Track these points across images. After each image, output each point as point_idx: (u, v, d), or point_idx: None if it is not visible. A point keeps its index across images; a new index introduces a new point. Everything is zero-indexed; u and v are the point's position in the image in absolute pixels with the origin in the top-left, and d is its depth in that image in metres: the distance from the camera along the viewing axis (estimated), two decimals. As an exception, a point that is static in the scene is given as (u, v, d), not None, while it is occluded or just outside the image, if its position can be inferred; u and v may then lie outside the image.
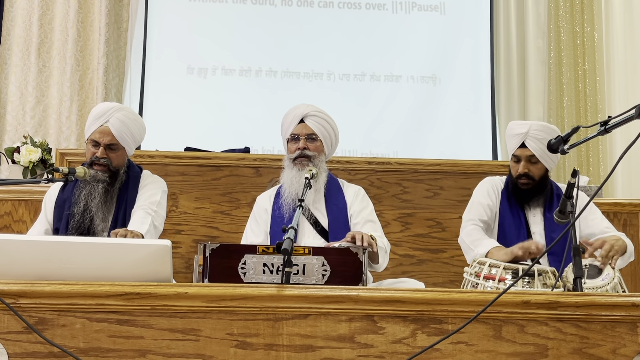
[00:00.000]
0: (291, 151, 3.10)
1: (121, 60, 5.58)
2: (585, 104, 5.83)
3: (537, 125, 3.08)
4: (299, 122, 3.10)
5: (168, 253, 2.15)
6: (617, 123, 2.24)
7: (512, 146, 3.09)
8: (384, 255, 2.93)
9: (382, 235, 3.01)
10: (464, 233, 3.08)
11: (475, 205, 3.13)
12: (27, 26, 5.37)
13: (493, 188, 3.16)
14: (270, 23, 5.71)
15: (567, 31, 5.91)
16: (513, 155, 3.09)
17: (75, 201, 2.94)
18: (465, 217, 3.13)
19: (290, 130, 3.10)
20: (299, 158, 3.06)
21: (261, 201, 3.19)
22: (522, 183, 3.06)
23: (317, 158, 3.08)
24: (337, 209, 3.06)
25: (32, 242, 2.23)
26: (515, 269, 2.53)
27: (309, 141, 3.08)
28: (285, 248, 2.15)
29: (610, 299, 2.10)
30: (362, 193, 3.16)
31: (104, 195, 2.96)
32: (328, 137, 3.13)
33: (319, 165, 3.06)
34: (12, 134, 5.23)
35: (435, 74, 5.76)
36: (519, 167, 3.07)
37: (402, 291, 2.13)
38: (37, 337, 1.99)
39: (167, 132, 5.39)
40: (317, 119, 3.10)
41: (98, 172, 2.96)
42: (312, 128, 3.09)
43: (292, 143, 3.10)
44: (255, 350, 2.02)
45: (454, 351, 2.04)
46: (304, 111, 3.11)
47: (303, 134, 3.08)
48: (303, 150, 3.06)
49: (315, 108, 3.13)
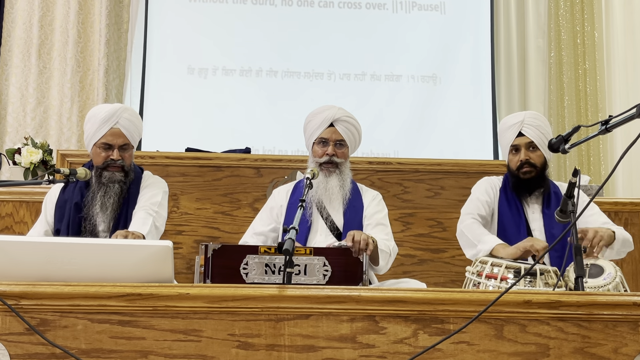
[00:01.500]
0: (318, 154, 3.06)
1: (122, 61, 5.58)
2: (585, 103, 5.83)
3: (530, 114, 3.11)
4: (329, 126, 3.06)
5: (169, 254, 2.15)
6: (618, 122, 2.24)
7: (509, 138, 3.08)
8: (387, 258, 2.92)
9: (389, 239, 3.00)
10: (463, 226, 3.06)
11: (474, 201, 3.13)
12: (27, 27, 5.37)
13: (491, 186, 3.16)
14: (271, 23, 5.71)
15: (568, 30, 5.92)
16: (511, 146, 3.08)
17: (89, 203, 2.95)
18: (464, 211, 3.12)
19: (319, 133, 3.06)
20: (326, 164, 3.03)
21: (278, 196, 3.16)
22: (525, 172, 3.05)
23: (343, 165, 3.06)
24: (354, 211, 3.05)
25: (34, 243, 2.24)
26: (517, 268, 2.53)
27: (337, 147, 3.05)
28: (287, 248, 2.15)
29: (611, 298, 2.10)
30: (379, 198, 3.16)
31: (119, 195, 2.97)
32: (354, 142, 3.12)
33: (344, 171, 3.05)
34: (13, 135, 5.23)
35: (436, 74, 5.76)
36: (519, 156, 3.05)
37: (403, 291, 2.13)
38: (39, 339, 1.99)
39: (168, 132, 5.39)
40: (347, 125, 3.07)
41: (115, 174, 2.97)
42: (342, 134, 3.05)
43: (320, 146, 3.06)
44: (257, 350, 2.02)
45: (455, 351, 2.04)
46: (335, 115, 3.06)
47: (333, 140, 3.04)
48: (332, 157, 3.03)
49: (345, 112, 3.09)
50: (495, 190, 3.15)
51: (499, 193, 3.13)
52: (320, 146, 3.07)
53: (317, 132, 3.06)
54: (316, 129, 3.07)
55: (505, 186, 3.14)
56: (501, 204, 3.10)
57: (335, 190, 3.01)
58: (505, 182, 3.15)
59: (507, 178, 3.16)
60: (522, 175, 3.06)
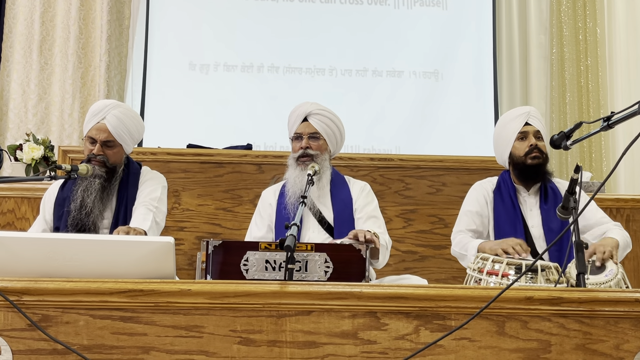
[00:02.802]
0: (295, 150, 3.11)
1: (123, 57, 5.58)
2: (587, 100, 5.82)
3: (534, 108, 3.17)
4: (303, 121, 3.10)
5: (171, 250, 2.15)
6: (620, 119, 2.24)
7: (516, 127, 3.08)
8: (385, 252, 2.93)
9: (384, 232, 3.01)
10: (454, 245, 3.11)
11: (462, 217, 3.15)
12: (28, 24, 5.37)
13: (482, 193, 3.15)
14: (272, 19, 5.70)
15: (570, 27, 5.90)
16: (519, 133, 3.07)
17: (72, 197, 2.94)
18: (454, 230, 3.15)
19: (294, 129, 3.11)
20: (301, 157, 3.07)
21: (266, 196, 3.20)
22: (534, 156, 3.04)
23: (319, 157, 3.08)
24: (342, 204, 3.06)
25: (36, 239, 2.23)
26: (519, 265, 2.53)
27: (312, 140, 3.08)
28: (288, 245, 2.15)
29: (613, 294, 2.10)
30: (367, 189, 3.17)
31: (100, 191, 2.94)
32: (332, 135, 3.13)
33: (321, 163, 3.06)
34: (15, 131, 5.24)
35: (438, 70, 5.76)
36: (528, 141, 3.06)
37: (405, 287, 2.13)
38: (40, 334, 1.99)
39: (169, 129, 5.40)
40: (321, 117, 3.10)
41: (95, 167, 2.95)
42: (315, 127, 3.09)
43: (296, 142, 3.11)
44: (259, 346, 2.02)
45: (457, 347, 2.04)
46: (307, 110, 3.10)
47: (306, 133, 3.09)
48: (306, 149, 3.06)
49: (318, 106, 3.13)
50: (487, 194, 3.14)
51: (492, 196, 3.13)
52: (297, 141, 3.11)
53: (293, 129, 3.12)
54: (292, 125, 3.13)
55: (500, 187, 3.13)
56: (496, 206, 3.09)
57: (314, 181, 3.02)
58: (500, 183, 3.14)
59: (502, 178, 3.15)
60: (531, 160, 3.05)
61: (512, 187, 3.10)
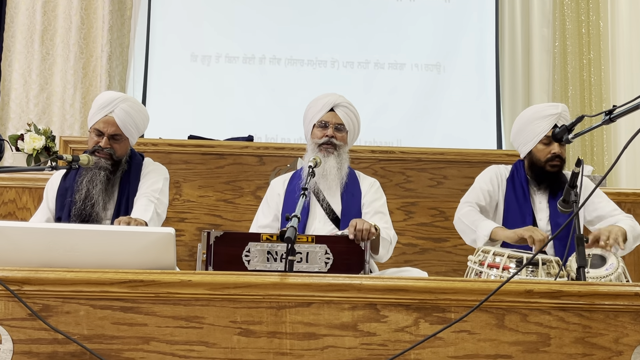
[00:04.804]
0: (317, 137, 3.10)
1: (125, 48, 5.57)
2: (590, 93, 5.80)
3: (565, 107, 3.05)
4: (329, 110, 3.11)
5: (172, 241, 2.15)
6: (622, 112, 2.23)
7: (544, 127, 3.00)
8: (388, 246, 2.93)
9: (389, 228, 3.02)
10: (460, 214, 3.07)
11: (476, 190, 3.13)
12: (30, 14, 5.36)
13: (497, 176, 3.14)
14: (274, 10, 5.69)
15: (572, 20, 5.88)
16: (546, 136, 3.00)
17: (77, 188, 2.95)
18: (463, 199, 3.13)
19: (319, 116, 3.11)
20: (325, 145, 3.07)
21: (275, 185, 3.20)
22: (554, 165, 3.01)
23: (342, 148, 3.11)
24: (352, 197, 3.08)
25: (37, 229, 2.24)
26: (520, 258, 2.53)
27: (337, 131, 3.10)
28: (289, 236, 2.15)
29: (613, 288, 2.10)
30: (377, 185, 3.19)
31: (105, 183, 2.96)
32: (353, 129, 3.17)
33: (342, 155, 3.10)
34: (16, 121, 5.23)
35: (440, 62, 5.74)
36: (552, 147, 3.00)
37: (405, 280, 2.13)
38: (41, 324, 1.99)
39: (171, 120, 5.39)
40: (347, 111, 3.13)
41: (101, 159, 2.96)
42: (342, 118, 3.11)
43: (320, 129, 3.11)
44: (259, 337, 2.02)
45: (456, 340, 2.04)
46: (336, 100, 3.12)
47: (332, 123, 3.10)
48: (331, 138, 3.07)
49: (345, 99, 3.16)
50: (501, 179, 3.13)
51: (506, 183, 3.11)
52: (321, 129, 3.11)
53: (318, 116, 3.11)
54: (316, 113, 3.12)
55: (513, 176, 3.12)
56: (508, 194, 3.08)
57: (332, 171, 3.03)
58: (513, 172, 3.13)
59: (516, 167, 3.13)
60: (550, 167, 3.02)
61: (525, 178, 3.09)
